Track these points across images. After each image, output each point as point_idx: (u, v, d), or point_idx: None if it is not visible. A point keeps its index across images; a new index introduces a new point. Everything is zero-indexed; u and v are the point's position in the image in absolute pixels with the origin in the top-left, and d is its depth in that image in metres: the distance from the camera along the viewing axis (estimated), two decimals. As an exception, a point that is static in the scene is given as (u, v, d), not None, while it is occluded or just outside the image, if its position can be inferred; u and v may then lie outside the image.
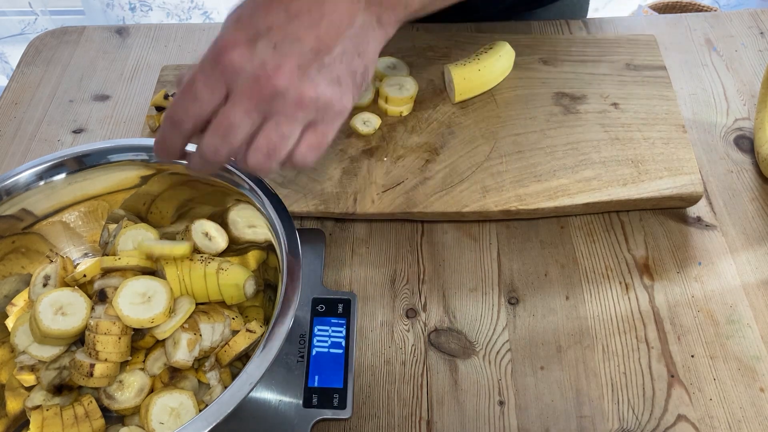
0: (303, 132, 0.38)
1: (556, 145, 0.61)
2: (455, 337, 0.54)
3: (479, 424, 0.49)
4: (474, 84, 0.64)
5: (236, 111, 0.36)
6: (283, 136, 0.37)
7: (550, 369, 0.52)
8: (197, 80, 0.37)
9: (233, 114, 0.36)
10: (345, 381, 0.50)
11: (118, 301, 0.44)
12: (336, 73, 0.38)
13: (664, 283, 0.56)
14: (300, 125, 0.37)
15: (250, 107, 0.36)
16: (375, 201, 0.59)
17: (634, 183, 0.58)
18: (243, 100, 0.36)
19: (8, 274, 0.51)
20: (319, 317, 0.54)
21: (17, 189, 0.49)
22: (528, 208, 0.57)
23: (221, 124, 0.37)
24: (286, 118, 0.37)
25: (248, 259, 0.54)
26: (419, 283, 0.57)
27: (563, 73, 0.68)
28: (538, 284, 0.57)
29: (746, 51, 0.74)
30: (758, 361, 0.51)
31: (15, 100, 0.74)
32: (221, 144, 0.37)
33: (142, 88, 0.75)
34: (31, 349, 0.47)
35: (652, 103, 0.64)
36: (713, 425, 0.49)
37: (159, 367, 0.47)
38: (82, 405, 0.46)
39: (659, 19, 0.79)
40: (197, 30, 0.81)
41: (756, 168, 0.64)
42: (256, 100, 0.36)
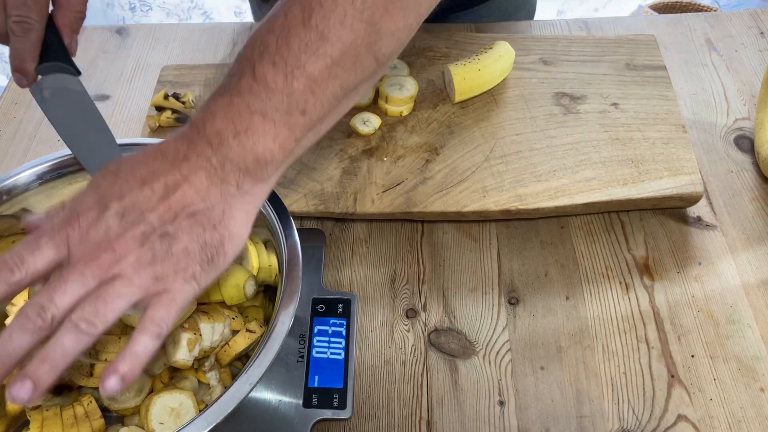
0: None
1: (556, 145, 0.61)
2: (455, 337, 0.54)
3: (479, 424, 0.49)
4: (474, 84, 0.64)
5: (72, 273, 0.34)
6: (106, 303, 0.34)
7: (550, 369, 0.52)
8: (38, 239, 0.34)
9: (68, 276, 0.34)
10: (345, 381, 0.50)
11: None
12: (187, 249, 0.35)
13: (664, 283, 0.56)
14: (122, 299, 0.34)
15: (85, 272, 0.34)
16: (375, 201, 0.59)
17: (634, 183, 0.58)
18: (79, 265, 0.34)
19: (8, 274, 0.51)
20: (319, 317, 0.54)
21: (17, 189, 0.49)
22: (528, 208, 0.57)
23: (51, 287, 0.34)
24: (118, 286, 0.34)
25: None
26: (419, 283, 0.57)
27: (563, 73, 0.68)
28: (538, 284, 0.57)
29: (746, 51, 0.74)
30: (758, 361, 0.51)
31: (15, 100, 0.74)
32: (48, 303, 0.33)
33: (142, 88, 0.75)
34: (31, 349, 0.47)
35: (652, 103, 0.64)
36: (713, 425, 0.49)
37: (159, 367, 0.47)
38: (82, 405, 0.46)
39: (659, 19, 0.79)
40: (197, 30, 0.81)
41: (756, 168, 0.64)
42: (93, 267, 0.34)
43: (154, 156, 0.36)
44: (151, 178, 0.35)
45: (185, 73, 0.71)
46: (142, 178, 0.35)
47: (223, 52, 0.78)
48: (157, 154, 0.36)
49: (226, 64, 0.72)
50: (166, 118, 0.65)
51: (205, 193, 0.36)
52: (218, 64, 0.73)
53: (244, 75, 0.36)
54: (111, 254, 0.34)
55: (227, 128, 0.36)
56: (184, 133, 0.37)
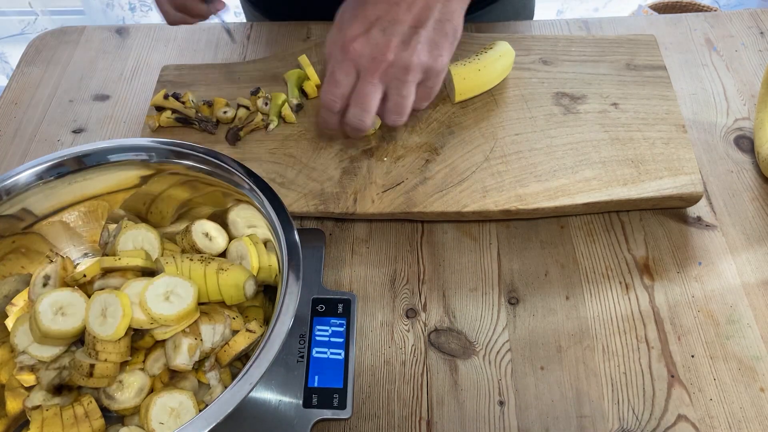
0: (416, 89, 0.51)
1: (556, 145, 0.61)
2: (455, 337, 0.54)
3: (479, 424, 0.49)
4: (474, 84, 0.64)
5: (366, 85, 0.50)
6: (402, 96, 0.50)
7: (550, 369, 0.52)
8: (335, 71, 0.50)
9: (364, 88, 0.50)
10: (345, 381, 0.50)
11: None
12: (432, 39, 0.50)
13: (664, 283, 0.56)
14: (412, 85, 0.50)
15: (374, 79, 0.49)
16: (375, 201, 0.59)
17: (634, 183, 0.58)
18: (369, 76, 0.49)
19: (8, 274, 0.51)
20: (319, 317, 0.54)
21: (17, 189, 0.49)
22: (528, 208, 0.57)
23: (358, 97, 0.50)
24: (401, 82, 0.50)
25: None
26: (419, 283, 0.57)
27: (563, 73, 0.68)
28: (538, 284, 0.57)
29: (746, 51, 0.74)
30: (758, 361, 0.51)
31: (15, 100, 0.74)
32: (361, 112, 0.50)
33: (142, 88, 0.75)
34: (31, 349, 0.47)
35: (652, 103, 0.64)
36: (713, 425, 0.49)
37: (159, 368, 0.47)
38: (82, 405, 0.46)
39: (659, 19, 0.79)
40: (197, 30, 0.81)
41: (756, 168, 0.64)
42: (377, 73, 0.49)
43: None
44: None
45: (185, 73, 0.71)
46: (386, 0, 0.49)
47: (223, 52, 0.78)
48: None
49: (226, 64, 0.72)
50: (166, 118, 0.65)
51: None
52: (218, 64, 0.72)
53: None
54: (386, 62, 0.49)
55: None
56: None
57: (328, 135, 0.59)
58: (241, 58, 0.77)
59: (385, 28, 0.49)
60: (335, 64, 0.50)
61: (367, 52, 0.49)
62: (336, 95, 0.51)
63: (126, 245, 0.50)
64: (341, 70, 0.50)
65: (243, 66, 0.72)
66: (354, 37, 0.49)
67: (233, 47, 0.78)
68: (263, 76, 0.71)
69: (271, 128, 0.65)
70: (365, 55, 0.49)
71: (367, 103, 0.50)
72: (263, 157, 0.63)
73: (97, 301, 0.45)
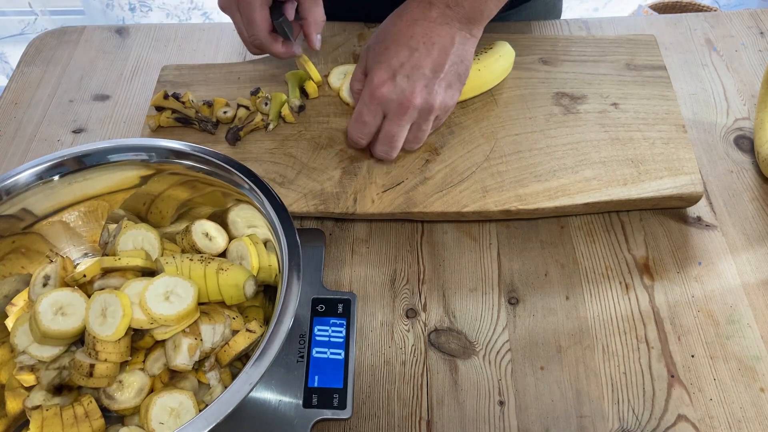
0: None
1: (556, 145, 0.61)
2: (455, 337, 0.54)
3: (479, 424, 0.49)
4: (474, 84, 0.64)
5: (393, 126, 0.56)
6: (423, 131, 0.57)
7: (550, 369, 0.52)
8: (363, 112, 0.56)
9: (392, 129, 0.56)
10: (345, 381, 0.50)
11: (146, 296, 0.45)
12: (448, 81, 0.56)
13: (664, 283, 0.56)
14: (431, 122, 0.57)
15: (402, 122, 0.55)
16: (375, 201, 0.59)
17: (634, 183, 0.58)
18: (396, 119, 0.55)
19: (8, 274, 0.51)
20: (319, 317, 0.54)
21: (17, 189, 0.49)
22: (528, 208, 0.57)
23: (386, 136, 0.56)
24: (423, 121, 0.56)
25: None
26: (419, 283, 0.57)
27: (563, 73, 0.68)
28: (538, 284, 0.57)
29: (746, 51, 0.74)
30: (758, 361, 0.51)
31: (15, 100, 0.74)
32: (389, 149, 0.57)
33: (142, 88, 0.75)
34: (31, 349, 0.47)
35: (652, 103, 0.64)
36: (713, 425, 0.49)
37: (159, 368, 0.47)
38: (82, 405, 0.46)
39: (659, 19, 0.79)
40: (197, 30, 0.81)
41: (756, 168, 0.64)
42: (405, 116, 0.55)
43: (407, 23, 0.55)
44: (414, 43, 0.54)
45: (185, 73, 0.71)
46: (408, 46, 0.54)
47: (223, 52, 0.78)
48: (409, 20, 0.56)
49: (226, 64, 0.72)
50: (166, 118, 0.65)
51: (453, 43, 0.55)
52: (218, 64, 0.72)
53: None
54: (412, 107, 0.54)
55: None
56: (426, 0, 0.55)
57: None
58: (241, 58, 0.77)
59: (409, 74, 0.54)
60: (363, 107, 0.56)
61: (394, 97, 0.54)
62: (363, 134, 0.57)
63: (126, 245, 0.50)
64: (369, 113, 0.56)
65: (243, 66, 0.72)
66: (381, 83, 0.54)
67: (233, 47, 0.78)
68: (263, 76, 0.71)
69: (271, 128, 0.65)
70: (393, 101, 0.54)
71: (395, 142, 0.57)
72: (263, 157, 0.63)
73: (97, 301, 0.45)
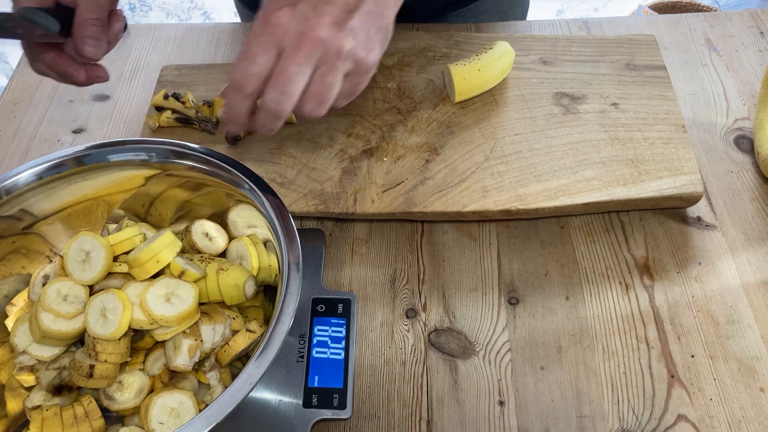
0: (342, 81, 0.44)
1: (556, 145, 0.61)
2: (455, 337, 0.54)
3: (479, 424, 0.49)
4: (474, 84, 0.64)
5: (290, 64, 0.42)
6: (327, 84, 0.43)
7: (550, 369, 0.52)
8: (252, 44, 0.42)
9: (288, 68, 0.42)
10: (345, 381, 0.50)
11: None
12: (366, 31, 0.44)
13: (664, 283, 0.56)
14: (341, 74, 0.43)
15: (301, 59, 0.42)
16: (375, 201, 0.59)
17: (634, 183, 0.58)
18: (294, 54, 0.42)
19: (8, 274, 0.51)
20: (319, 317, 0.54)
21: (17, 189, 0.49)
22: (528, 208, 0.57)
23: (280, 77, 0.42)
24: (330, 68, 0.43)
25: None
26: (419, 283, 0.57)
27: (563, 73, 0.68)
28: (538, 284, 0.57)
29: (746, 51, 0.74)
30: (758, 361, 0.51)
31: (15, 100, 0.74)
32: (281, 96, 0.42)
33: (142, 88, 0.75)
34: (31, 349, 0.47)
35: (652, 103, 0.64)
36: (713, 425, 0.49)
37: (159, 368, 0.47)
38: (82, 405, 0.46)
39: (659, 19, 0.79)
40: (197, 30, 0.81)
41: (756, 168, 0.64)
42: (306, 51, 0.41)
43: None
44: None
45: (185, 73, 0.71)
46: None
47: (223, 52, 0.78)
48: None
49: (226, 64, 0.72)
50: (166, 118, 0.65)
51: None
52: (218, 64, 0.72)
53: None
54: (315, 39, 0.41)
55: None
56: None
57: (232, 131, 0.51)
58: (241, 58, 0.77)
59: (316, 5, 0.42)
60: (253, 38, 0.42)
61: (294, 26, 0.42)
62: (249, 75, 0.43)
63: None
64: (260, 45, 0.42)
65: (243, 66, 0.72)
66: (278, 7, 0.42)
67: (233, 47, 0.78)
68: (263, 76, 0.71)
69: (271, 128, 0.65)
70: (291, 30, 0.42)
71: (290, 86, 0.42)
72: (263, 157, 0.63)
73: (95, 303, 0.45)
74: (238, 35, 0.80)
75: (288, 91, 0.43)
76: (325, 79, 0.43)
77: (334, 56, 0.42)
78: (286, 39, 0.42)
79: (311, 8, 0.42)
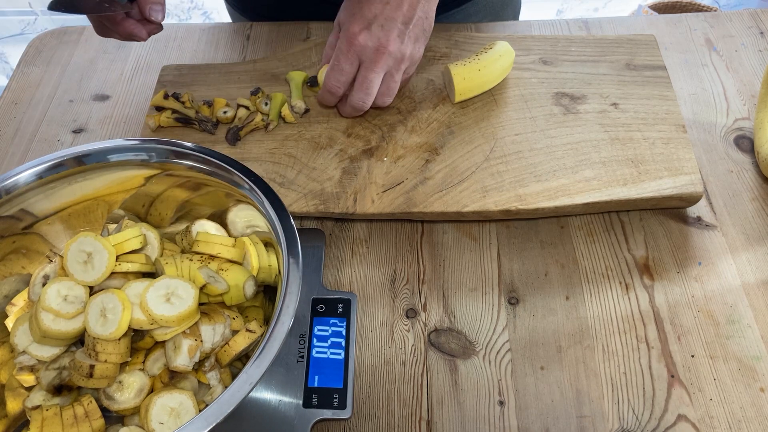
0: None
1: (556, 145, 0.61)
2: (455, 337, 0.54)
3: (479, 424, 0.49)
4: (474, 84, 0.64)
5: (369, 72, 0.58)
6: (395, 82, 0.60)
7: (550, 369, 0.52)
8: (341, 60, 0.59)
9: (368, 75, 0.58)
10: (345, 381, 0.50)
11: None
12: (416, 34, 0.59)
13: (664, 283, 0.56)
14: (402, 72, 0.60)
15: (377, 68, 0.58)
16: (375, 201, 0.59)
17: (634, 183, 0.58)
18: (372, 65, 0.58)
19: (8, 274, 0.51)
20: (319, 317, 0.54)
21: (17, 189, 0.49)
22: (528, 208, 0.57)
23: (363, 82, 0.59)
24: (396, 70, 0.59)
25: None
26: (419, 283, 0.57)
27: (563, 73, 0.68)
28: (538, 284, 0.57)
29: (746, 51, 0.74)
30: (758, 361, 0.51)
31: (15, 100, 0.74)
32: (365, 96, 0.59)
33: (142, 88, 0.75)
34: (31, 349, 0.47)
35: (652, 103, 0.64)
36: (713, 425, 0.49)
37: (159, 368, 0.47)
38: (82, 405, 0.46)
39: (659, 19, 0.79)
40: (197, 30, 0.81)
41: (756, 168, 0.64)
42: (380, 63, 0.58)
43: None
44: None
45: (185, 73, 0.71)
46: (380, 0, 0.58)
47: (223, 52, 0.78)
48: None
49: (226, 64, 0.72)
50: (166, 118, 0.65)
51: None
52: (218, 64, 0.72)
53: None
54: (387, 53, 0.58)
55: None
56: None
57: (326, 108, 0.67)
58: (241, 58, 0.77)
59: (383, 24, 0.57)
60: (340, 54, 0.58)
61: (371, 44, 0.57)
62: (340, 82, 0.60)
63: None
64: (346, 60, 0.58)
65: (243, 66, 0.72)
66: (359, 31, 0.57)
67: (233, 47, 0.78)
68: (263, 76, 0.71)
69: (271, 128, 0.65)
70: (370, 48, 0.57)
71: (371, 89, 0.59)
72: (263, 157, 0.63)
73: (95, 303, 0.45)
74: (238, 35, 0.80)
75: (369, 92, 0.59)
76: (393, 78, 0.60)
77: (399, 62, 0.59)
78: (365, 54, 0.58)
79: (380, 28, 0.57)
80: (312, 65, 0.71)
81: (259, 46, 0.78)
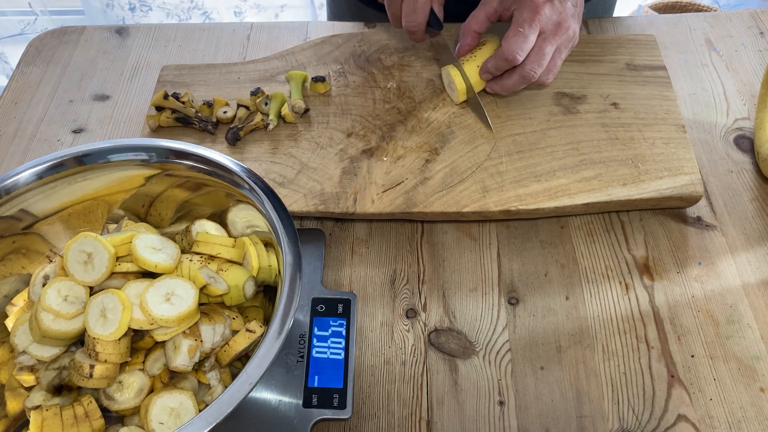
0: None
1: (556, 145, 0.61)
2: (455, 337, 0.54)
3: (479, 424, 0.49)
4: (474, 82, 0.64)
5: (547, 44, 0.57)
6: (561, 59, 0.60)
7: (550, 369, 0.52)
8: (524, 26, 0.57)
9: (546, 47, 0.57)
10: (345, 381, 0.50)
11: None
12: (579, 16, 0.61)
13: (664, 283, 0.56)
14: (564, 54, 0.60)
15: (555, 41, 0.58)
16: (375, 201, 0.59)
17: (634, 183, 0.58)
18: (552, 37, 0.58)
19: (8, 274, 0.51)
20: (319, 317, 0.54)
21: (17, 189, 0.49)
22: (528, 208, 0.57)
23: (539, 53, 0.57)
24: (564, 47, 0.59)
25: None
26: (419, 283, 0.57)
27: (563, 73, 0.68)
28: (538, 284, 0.57)
29: (746, 51, 0.74)
30: (758, 361, 0.51)
31: (15, 100, 0.74)
32: (539, 68, 0.58)
33: (142, 88, 0.75)
34: (31, 349, 0.47)
35: (652, 103, 0.64)
36: (713, 425, 0.49)
37: (159, 368, 0.47)
38: (82, 405, 0.46)
39: (659, 19, 0.79)
40: (197, 30, 0.81)
41: (756, 168, 0.64)
42: (558, 36, 0.58)
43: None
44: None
45: (185, 73, 0.71)
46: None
47: (223, 52, 0.78)
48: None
49: (226, 64, 0.72)
50: (166, 118, 0.65)
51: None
52: (218, 64, 0.72)
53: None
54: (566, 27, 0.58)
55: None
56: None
57: None
58: (241, 58, 0.77)
59: (562, 2, 0.58)
60: (524, 23, 0.57)
61: (553, 16, 0.57)
62: (524, 50, 0.57)
63: None
64: (531, 27, 0.57)
65: (243, 66, 0.72)
66: (542, 3, 0.57)
67: (233, 47, 0.78)
68: (263, 76, 0.71)
69: (271, 128, 0.65)
70: (552, 20, 0.57)
71: (545, 60, 0.58)
72: (263, 157, 0.63)
73: (95, 303, 0.45)
74: (238, 35, 0.80)
75: (543, 64, 0.58)
76: (560, 55, 0.59)
77: (569, 40, 0.59)
78: (548, 25, 0.57)
79: (560, 2, 0.58)
80: (312, 65, 0.71)
81: (259, 46, 0.78)
